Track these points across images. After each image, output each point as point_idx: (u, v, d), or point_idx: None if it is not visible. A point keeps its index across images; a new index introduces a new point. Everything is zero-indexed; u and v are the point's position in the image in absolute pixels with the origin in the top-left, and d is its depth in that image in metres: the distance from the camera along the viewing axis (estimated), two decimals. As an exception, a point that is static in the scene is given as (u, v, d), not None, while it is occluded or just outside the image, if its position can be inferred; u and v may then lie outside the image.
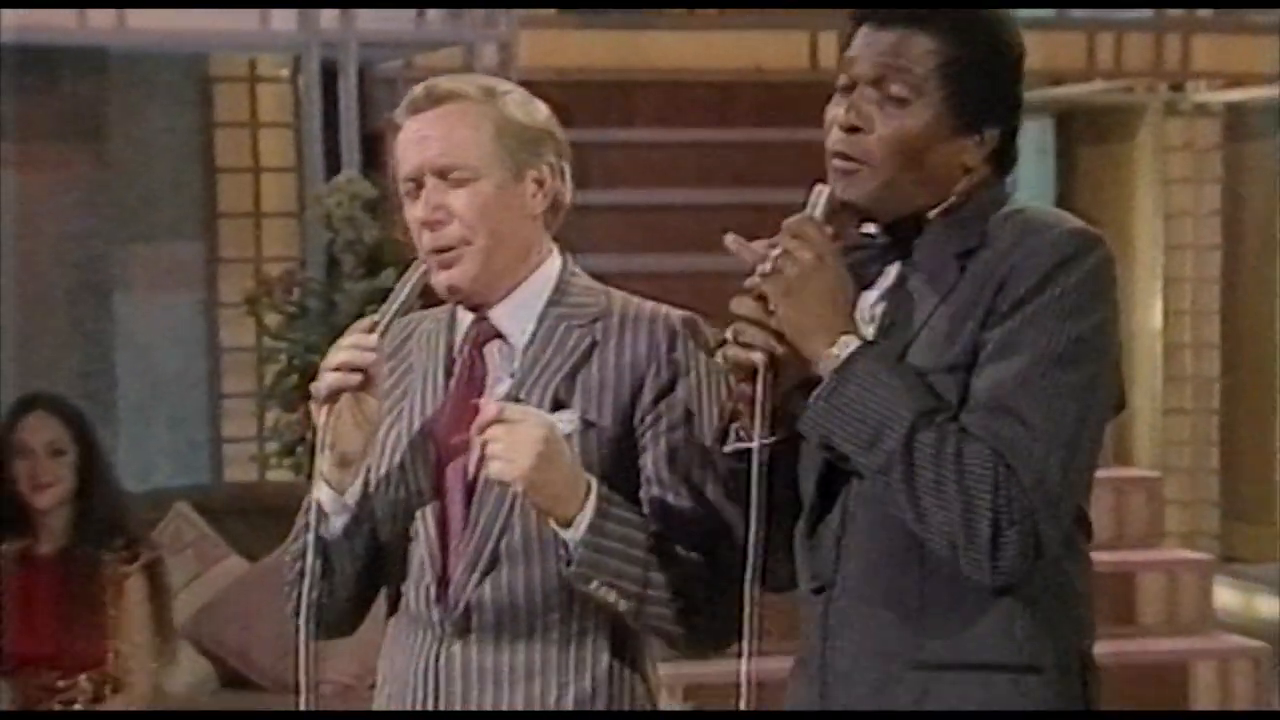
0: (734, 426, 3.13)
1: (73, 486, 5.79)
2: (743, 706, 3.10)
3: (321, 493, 3.28)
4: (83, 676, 5.73)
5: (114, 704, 5.75)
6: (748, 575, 3.08)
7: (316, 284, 7.70)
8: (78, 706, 5.74)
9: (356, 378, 3.20)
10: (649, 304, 3.38)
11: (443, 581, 3.30)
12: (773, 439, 3.08)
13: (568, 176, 3.40)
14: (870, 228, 3.21)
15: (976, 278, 3.08)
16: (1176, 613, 7.85)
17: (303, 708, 3.26)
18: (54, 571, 5.78)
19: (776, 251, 2.97)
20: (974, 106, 3.13)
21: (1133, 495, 8.12)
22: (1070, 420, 3.03)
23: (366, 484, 3.31)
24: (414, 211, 3.32)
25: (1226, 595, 9.57)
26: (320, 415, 3.22)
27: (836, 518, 3.16)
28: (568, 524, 3.13)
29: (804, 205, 3.06)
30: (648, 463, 3.29)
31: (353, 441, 3.24)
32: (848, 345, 2.99)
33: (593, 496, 3.13)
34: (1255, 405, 11.74)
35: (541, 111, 3.40)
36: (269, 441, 8.22)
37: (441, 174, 3.30)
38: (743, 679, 3.06)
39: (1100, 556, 7.13)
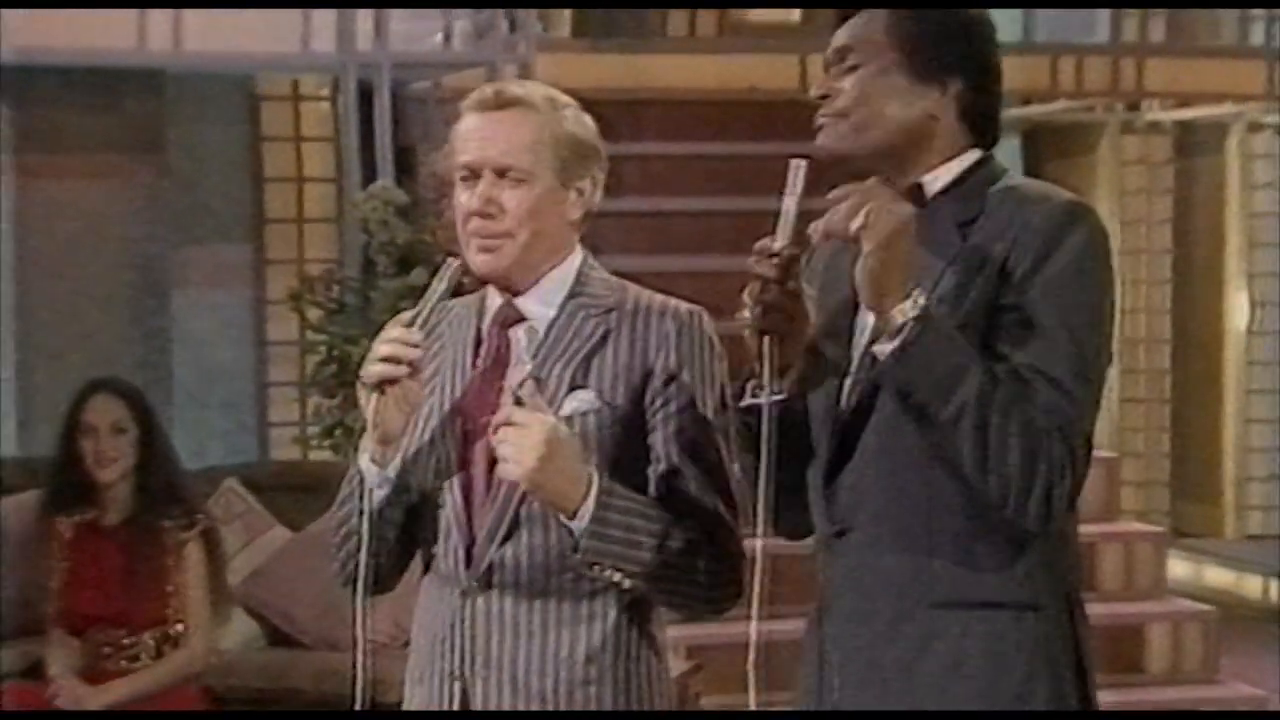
0: (749, 384, 3.14)
1: (134, 462, 5.77)
2: (751, 660, 3.10)
3: (367, 468, 3.29)
4: (146, 634, 5.73)
5: (174, 660, 5.73)
6: (759, 527, 3.09)
7: (354, 282, 7.72)
8: (141, 662, 5.71)
9: (403, 369, 3.21)
10: (659, 297, 3.38)
11: (469, 544, 3.31)
12: (781, 396, 3.10)
13: (600, 187, 3.42)
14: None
15: (978, 245, 3.11)
16: (1133, 580, 7.88)
17: (359, 662, 3.26)
18: (118, 539, 5.75)
19: (870, 206, 2.97)
20: (925, 59, 3.18)
21: (1092, 474, 8.06)
22: (1092, 384, 3.08)
23: (404, 457, 3.31)
24: (465, 198, 3.32)
25: (1177, 566, 9.59)
26: (367, 401, 3.23)
27: (854, 467, 3.17)
28: (572, 516, 3.14)
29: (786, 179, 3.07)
30: (657, 442, 3.28)
31: (395, 422, 3.25)
32: (919, 302, 2.99)
33: (594, 490, 3.13)
34: (1203, 396, 11.77)
35: (592, 128, 3.41)
36: (310, 425, 8.26)
37: (500, 172, 3.30)
38: (753, 632, 3.07)
39: (1062, 530, 6.94)
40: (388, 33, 8.45)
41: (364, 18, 8.43)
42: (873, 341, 3.06)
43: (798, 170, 3.06)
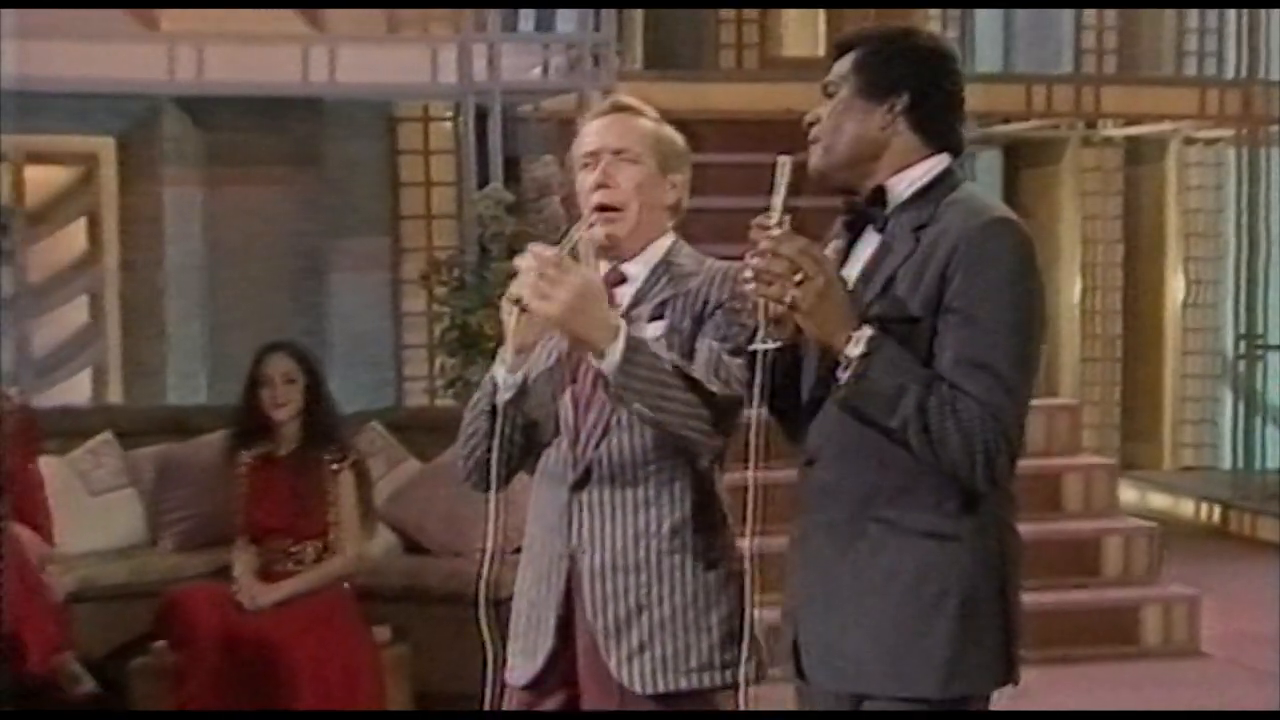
0: (758, 335, 3.08)
1: (301, 406, 5.78)
2: (748, 567, 3.19)
3: (500, 371, 3.29)
4: (309, 544, 5.74)
5: (330, 564, 5.73)
6: (751, 460, 3.12)
7: (471, 264, 7.71)
8: (305, 566, 5.72)
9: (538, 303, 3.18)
10: (720, 262, 3.43)
11: (574, 445, 3.34)
12: (777, 344, 3.07)
13: (688, 188, 3.49)
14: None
15: (926, 247, 3.06)
16: (1091, 503, 7.83)
17: (488, 547, 3.22)
18: (288, 468, 5.77)
19: (798, 277, 2.92)
20: (874, 81, 3.14)
21: (1058, 418, 8.08)
22: (1023, 369, 3.04)
23: (529, 374, 3.31)
24: (588, 178, 3.38)
25: (1127, 492, 9.56)
26: (510, 315, 3.21)
27: (824, 412, 3.13)
28: (601, 357, 3.12)
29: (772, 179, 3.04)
30: (702, 348, 3.31)
31: (530, 335, 3.25)
32: (861, 340, 2.96)
33: (622, 336, 3.12)
34: (1147, 356, 11.75)
35: (681, 139, 3.51)
36: (436, 379, 8.27)
37: (616, 152, 3.38)
38: (749, 547, 3.16)
39: (1035, 462, 7.16)
40: (499, 66, 8.43)
41: (480, 54, 8.41)
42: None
43: (784, 165, 3.02)
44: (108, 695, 5.85)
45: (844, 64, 3.19)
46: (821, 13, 10.73)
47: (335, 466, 5.77)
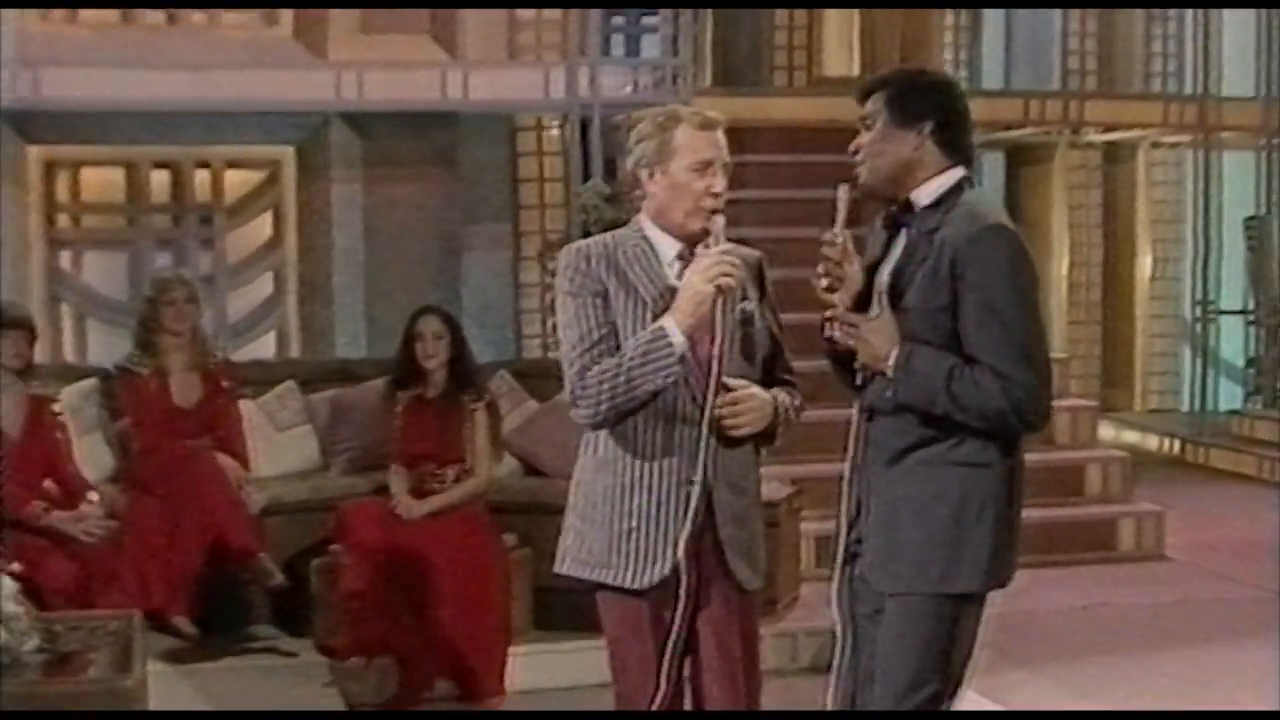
0: (826, 327, 3.22)
1: (446, 357, 5.75)
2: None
3: (681, 341, 3.19)
4: (450, 468, 5.71)
5: (467, 485, 5.69)
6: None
7: (578, 247, 7.73)
8: (447, 485, 5.68)
9: (731, 280, 3.21)
10: (755, 251, 3.42)
11: (702, 396, 3.24)
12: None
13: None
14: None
15: (938, 248, 3.11)
16: (1076, 436, 7.76)
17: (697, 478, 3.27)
18: (435, 407, 5.76)
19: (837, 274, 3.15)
20: (905, 112, 3.17)
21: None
22: (1040, 347, 3.11)
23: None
24: (704, 180, 3.28)
25: (1105, 429, 9.48)
26: (709, 297, 3.18)
27: (878, 380, 3.20)
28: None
29: (835, 199, 3.18)
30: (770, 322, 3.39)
31: (704, 314, 3.22)
32: (896, 355, 3.09)
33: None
34: (1121, 320, 11.64)
35: None
36: (548, 337, 8.33)
37: (726, 167, 3.31)
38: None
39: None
40: (599, 85, 8.43)
41: (583, 75, 8.43)
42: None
43: (843, 193, 3.16)
44: (294, 588, 5.87)
45: (876, 101, 3.21)
46: (856, 38, 10.65)
47: (473, 406, 5.76)
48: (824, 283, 3.13)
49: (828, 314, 3.17)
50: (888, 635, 3.16)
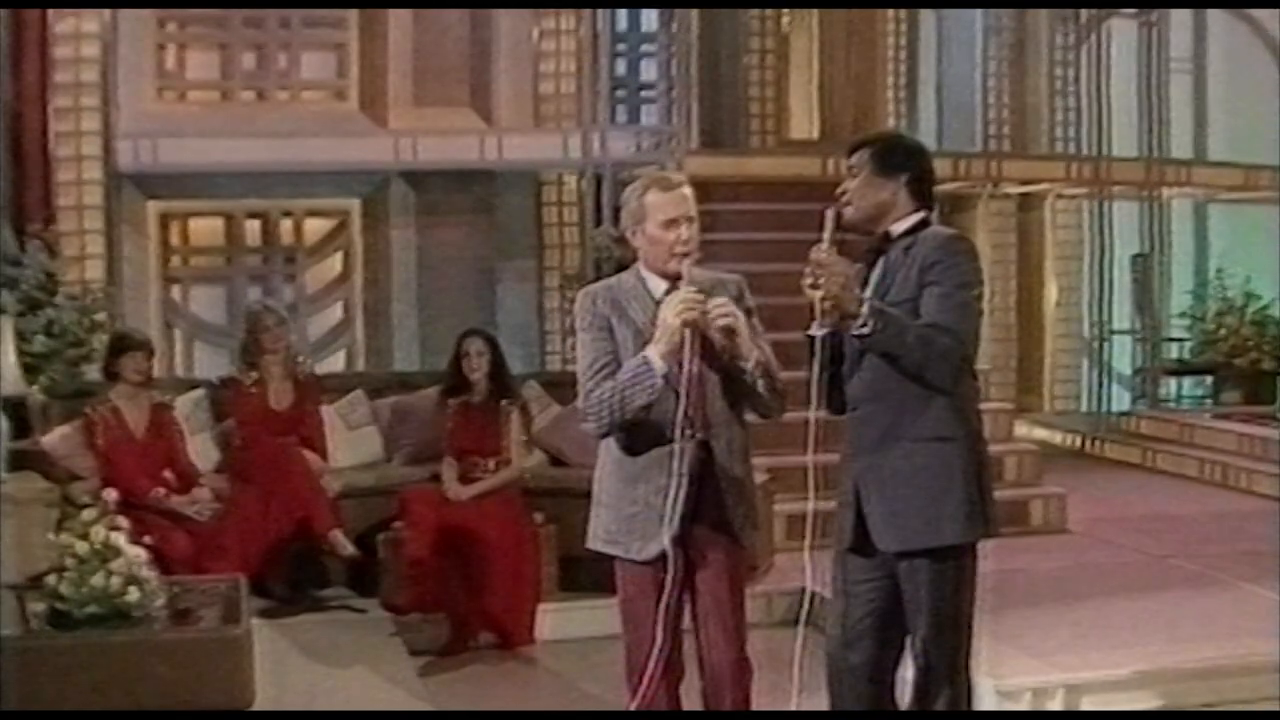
0: (814, 324, 3.17)
1: (488, 370, 5.77)
2: (811, 478, 3.11)
3: (660, 364, 3.18)
4: (490, 459, 5.71)
5: (504, 473, 5.67)
6: (812, 405, 3.15)
7: (590, 278, 7.68)
8: (489, 473, 5.65)
9: (696, 312, 3.17)
10: (732, 276, 3.39)
11: (686, 409, 3.20)
12: (826, 330, 3.15)
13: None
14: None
15: (911, 258, 3.15)
16: (996, 433, 7.66)
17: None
18: (479, 410, 5.77)
19: (822, 274, 3.03)
20: (886, 165, 3.21)
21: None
22: (968, 324, 3.12)
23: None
24: (673, 232, 3.26)
25: (1020, 427, 9.46)
26: (676, 334, 3.14)
27: (860, 374, 3.21)
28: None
29: (822, 224, 3.10)
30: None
31: (675, 342, 3.19)
32: (868, 306, 3.05)
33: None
34: (1033, 339, 11.59)
35: None
36: (567, 354, 8.32)
37: (690, 220, 3.28)
38: (810, 466, 3.14)
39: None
40: (607, 147, 8.45)
41: (594, 139, 8.44)
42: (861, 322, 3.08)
43: (828, 215, 3.12)
44: (365, 558, 5.86)
45: (862, 155, 3.25)
46: (816, 107, 10.69)
47: (509, 409, 5.77)
48: (809, 281, 3.06)
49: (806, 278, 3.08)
50: (908, 589, 3.17)
